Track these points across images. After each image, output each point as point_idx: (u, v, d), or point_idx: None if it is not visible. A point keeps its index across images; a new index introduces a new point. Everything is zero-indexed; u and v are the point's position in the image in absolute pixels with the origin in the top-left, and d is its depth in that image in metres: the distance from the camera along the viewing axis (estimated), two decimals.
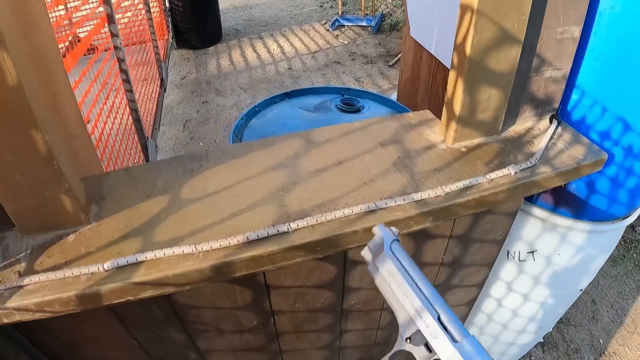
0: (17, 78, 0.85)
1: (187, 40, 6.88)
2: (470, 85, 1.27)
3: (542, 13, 1.29)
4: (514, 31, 1.21)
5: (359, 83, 5.51)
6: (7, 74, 0.84)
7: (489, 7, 1.14)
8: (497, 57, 1.24)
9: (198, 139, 4.52)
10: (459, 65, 1.26)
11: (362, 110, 2.13)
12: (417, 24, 2.16)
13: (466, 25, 1.19)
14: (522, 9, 1.18)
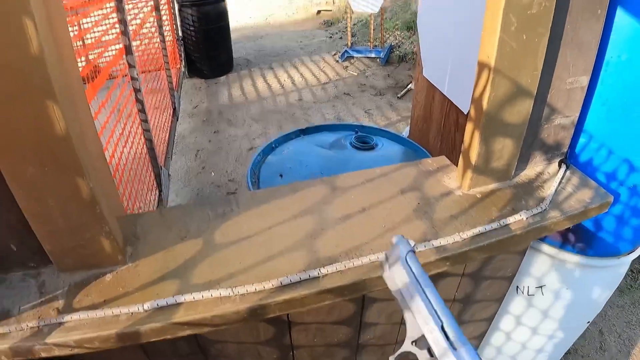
0: (66, 127, 0.92)
1: (199, 70, 7.02)
2: (486, 137, 1.35)
3: (553, 66, 1.37)
4: (528, 85, 1.29)
5: (368, 115, 5.59)
6: (56, 125, 0.91)
7: (505, 64, 1.23)
8: (511, 110, 1.32)
9: (209, 169, 4.59)
10: (476, 118, 1.33)
11: (376, 148, 2.19)
12: (430, 65, 2.23)
13: (484, 82, 1.27)
14: (535, 64, 1.26)
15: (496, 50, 1.20)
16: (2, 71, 0.82)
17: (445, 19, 2.03)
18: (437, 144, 2.22)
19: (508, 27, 1.17)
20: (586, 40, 1.38)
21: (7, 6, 0.78)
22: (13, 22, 0.79)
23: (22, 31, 0.80)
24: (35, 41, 0.80)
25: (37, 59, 0.82)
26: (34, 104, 0.86)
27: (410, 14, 8.69)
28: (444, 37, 2.06)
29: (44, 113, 0.86)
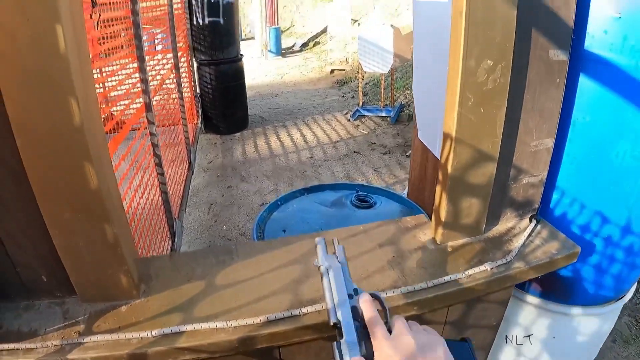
0: (98, 183, 1.13)
1: (215, 126, 7.28)
2: (453, 197, 1.54)
3: (516, 132, 1.56)
4: (489, 151, 1.48)
5: (377, 173, 5.76)
6: (90, 181, 1.12)
7: (465, 134, 1.43)
8: (475, 173, 1.51)
9: (222, 222, 4.75)
10: (443, 181, 1.53)
11: (374, 206, 2.35)
12: (424, 129, 2.41)
13: (447, 150, 1.46)
14: (495, 132, 1.45)
15: (456, 123, 1.40)
16: (50, 138, 1.03)
17: (434, 87, 2.22)
18: (431, 201, 2.38)
19: (466, 103, 1.37)
20: (547, 107, 1.57)
21: (58, 88, 1.00)
22: (62, 103, 1.01)
23: (67, 108, 1.02)
24: (77, 117, 1.01)
25: (78, 129, 1.04)
26: (74, 164, 1.08)
27: None
28: (435, 104, 2.24)
29: (82, 172, 1.08)
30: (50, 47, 0.97)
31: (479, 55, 1.33)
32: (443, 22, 2.10)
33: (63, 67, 0.99)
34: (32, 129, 1.03)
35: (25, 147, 1.05)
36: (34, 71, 0.99)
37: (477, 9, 1.27)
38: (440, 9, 2.09)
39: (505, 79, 1.38)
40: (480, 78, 1.36)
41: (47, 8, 0.94)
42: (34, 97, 1.00)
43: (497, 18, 1.30)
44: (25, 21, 0.94)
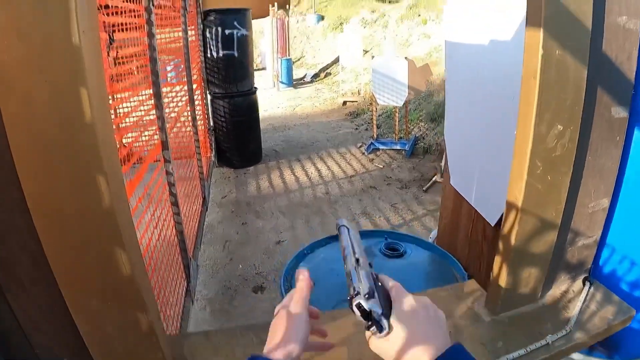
0: (131, 271, 1.00)
1: (229, 159, 7.19)
2: (514, 268, 1.41)
3: (576, 195, 1.44)
4: (553, 219, 1.36)
5: (394, 209, 5.64)
6: (122, 268, 0.99)
7: (531, 204, 1.30)
8: (537, 243, 1.39)
9: (237, 261, 4.62)
10: (504, 252, 1.40)
11: (405, 255, 2.23)
12: (457, 175, 2.30)
13: (512, 220, 1.34)
14: (560, 199, 1.34)
15: (523, 193, 1.27)
16: (76, 221, 0.90)
17: (472, 132, 2.12)
18: (464, 251, 2.26)
19: (534, 171, 1.26)
20: (607, 166, 1.46)
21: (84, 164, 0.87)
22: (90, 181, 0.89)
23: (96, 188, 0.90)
24: (107, 197, 0.89)
25: (109, 212, 0.91)
26: (104, 250, 0.95)
27: (434, 105, 8.89)
28: (471, 149, 2.14)
29: (113, 258, 0.95)
30: (73, 113, 0.85)
31: (550, 121, 1.22)
32: (481, 68, 2.01)
33: (89, 139, 0.87)
34: (53, 209, 0.90)
35: (45, 230, 0.91)
36: (54, 142, 0.86)
37: (551, 70, 1.16)
38: (477, 55, 2.00)
39: (573, 144, 1.28)
40: (549, 144, 1.25)
41: (70, 65, 0.83)
42: (55, 173, 0.88)
43: (569, 79, 1.20)
44: (43, 82, 0.82)
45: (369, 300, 0.76)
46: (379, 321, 0.75)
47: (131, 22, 2.85)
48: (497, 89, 1.86)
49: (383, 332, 0.75)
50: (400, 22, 15.28)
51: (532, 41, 1.16)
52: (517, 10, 1.63)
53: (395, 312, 0.78)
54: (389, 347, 0.75)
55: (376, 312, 0.76)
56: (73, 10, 0.80)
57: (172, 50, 4.76)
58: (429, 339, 0.75)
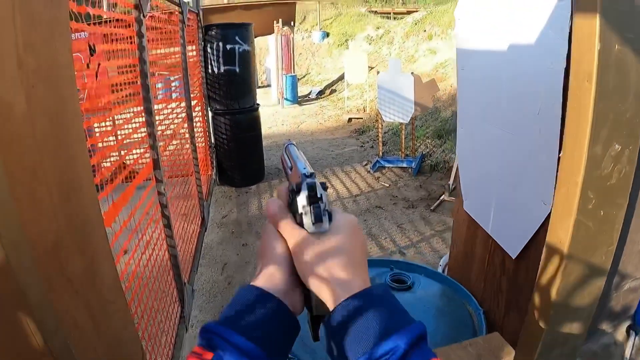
0: (43, 341, 0.76)
1: (230, 178, 7.02)
2: (552, 327, 1.16)
3: (627, 232, 1.19)
4: (602, 264, 1.12)
5: (401, 230, 5.43)
6: (32, 339, 0.76)
7: (579, 247, 1.05)
8: (582, 294, 1.15)
9: (236, 284, 4.43)
10: (542, 309, 1.17)
11: (413, 288, 2.01)
12: (472, 198, 2.09)
13: (553, 269, 1.10)
14: (611, 239, 1.08)
15: (571, 234, 1.03)
16: None
17: (488, 152, 1.90)
18: (479, 284, 2.04)
19: (585, 206, 1.01)
20: None
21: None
22: None
23: None
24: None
25: None
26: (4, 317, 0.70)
27: (440, 121, 8.74)
28: (487, 171, 1.92)
29: (17, 327, 0.70)
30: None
31: (607, 138, 0.96)
32: (497, 80, 1.80)
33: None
34: None
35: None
36: None
37: (610, 73, 0.91)
38: (493, 64, 1.79)
39: (631, 168, 1.02)
40: (605, 170, 0.99)
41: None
42: None
43: (630, 84, 0.94)
44: None
45: None
46: (320, 214, 0.68)
47: (119, 33, 2.66)
48: (517, 102, 1.64)
49: (321, 227, 0.68)
50: (406, 38, 15.20)
51: (585, 33, 0.91)
52: (538, 12, 1.43)
53: (335, 220, 0.70)
54: (315, 248, 0.67)
55: (325, 202, 0.69)
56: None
57: (168, 65, 4.61)
58: (361, 264, 0.68)
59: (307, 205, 0.68)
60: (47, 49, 0.90)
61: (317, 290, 0.66)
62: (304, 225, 0.68)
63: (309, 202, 0.68)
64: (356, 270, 0.66)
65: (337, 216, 0.71)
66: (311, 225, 0.68)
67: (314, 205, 0.68)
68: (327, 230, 0.68)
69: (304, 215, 0.68)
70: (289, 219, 0.71)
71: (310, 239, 0.67)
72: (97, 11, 2.36)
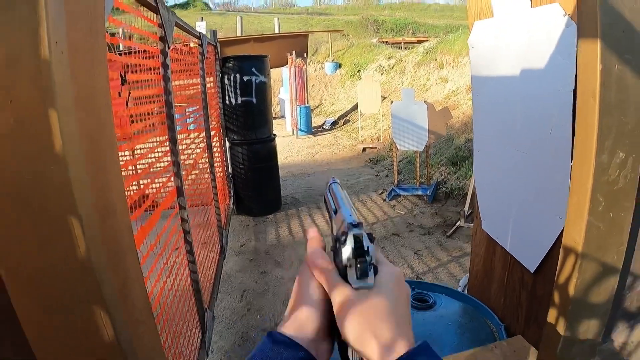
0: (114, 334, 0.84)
1: (248, 207, 7.10)
2: (571, 323, 1.24)
3: (636, 233, 1.28)
4: (614, 262, 1.20)
5: (418, 257, 5.46)
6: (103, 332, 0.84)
7: (592, 247, 1.14)
8: (597, 291, 1.22)
9: (255, 311, 4.47)
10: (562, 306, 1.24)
11: (435, 306, 2.07)
12: (490, 218, 2.15)
13: (569, 268, 1.18)
14: (621, 239, 1.18)
15: (584, 235, 1.12)
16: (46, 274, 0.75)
17: (504, 172, 1.98)
18: (499, 300, 2.09)
19: (596, 209, 1.10)
20: None
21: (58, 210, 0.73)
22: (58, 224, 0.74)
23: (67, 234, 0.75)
24: (82, 247, 0.74)
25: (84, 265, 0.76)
26: (80, 310, 0.78)
27: (454, 149, 8.79)
28: (504, 190, 1.99)
29: (91, 320, 0.78)
30: (41, 144, 0.72)
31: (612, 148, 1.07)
32: (511, 103, 1.89)
33: (60, 175, 0.73)
34: (19, 262, 0.74)
35: (14, 285, 0.76)
36: (20, 179, 0.72)
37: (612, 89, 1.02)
38: (506, 88, 1.88)
39: (636, 174, 1.12)
40: (612, 176, 1.09)
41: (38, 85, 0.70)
42: (21, 218, 0.73)
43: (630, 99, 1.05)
44: (8, 103, 0.69)
45: None
46: (366, 269, 0.64)
47: (146, 65, 2.79)
48: (530, 124, 1.73)
49: (367, 283, 0.65)
50: (417, 68, 15.36)
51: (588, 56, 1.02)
52: (546, 39, 1.52)
53: (381, 274, 0.67)
54: (361, 306, 0.64)
55: (370, 256, 0.65)
56: (43, 18, 0.67)
57: (188, 96, 4.74)
58: (405, 320, 0.66)
59: (352, 258, 0.65)
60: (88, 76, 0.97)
61: (360, 348, 0.64)
62: (348, 278, 0.66)
63: (354, 254, 0.65)
64: (401, 328, 0.65)
65: (382, 268, 0.68)
66: (356, 281, 0.65)
67: (360, 260, 0.65)
68: (372, 285, 0.66)
69: (348, 268, 0.66)
70: (332, 270, 0.69)
71: (355, 296, 0.65)
72: (128, 43, 2.49)
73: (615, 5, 0.99)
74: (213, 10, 43.86)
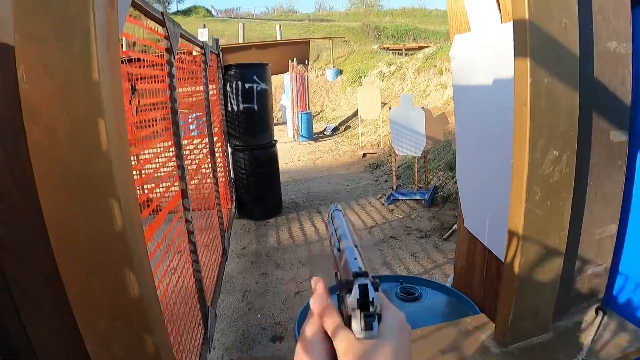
0: (140, 292, 1.03)
1: (249, 211, 7.24)
2: (520, 298, 1.42)
3: (580, 222, 1.46)
4: (556, 245, 1.37)
5: (415, 259, 5.60)
6: (131, 290, 1.03)
7: (532, 230, 1.32)
8: (542, 270, 1.39)
9: (256, 310, 4.61)
10: (509, 282, 1.42)
11: (421, 299, 2.23)
12: (471, 217, 2.31)
13: (514, 249, 1.36)
14: (562, 225, 1.35)
15: (523, 220, 1.29)
16: (90, 244, 0.95)
17: (483, 173, 2.14)
18: (480, 292, 2.26)
19: (532, 197, 1.28)
20: (611, 192, 1.48)
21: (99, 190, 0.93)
22: (104, 206, 0.95)
23: (109, 213, 0.95)
24: (119, 222, 0.94)
25: (120, 236, 0.96)
26: (115, 272, 0.99)
27: (452, 154, 8.91)
28: (482, 190, 2.16)
29: (122, 280, 0.99)
30: (91, 143, 0.91)
31: (544, 147, 1.25)
32: (487, 109, 2.06)
33: (105, 166, 0.93)
34: (69, 231, 0.95)
35: (61, 250, 0.97)
36: (73, 169, 0.92)
37: (541, 98, 1.20)
38: (483, 96, 2.05)
39: (571, 169, 1.30)
40: (546, 170, 1.28)
41: (90, 100, 0.89)
42: (73, 197, 0.94)
43: (560, 105, 1.24)
44: (65, 113, 0.88)
45: None
46: (371, 320, 0.64)
47: (154, 74, 2.95)
48: (504, 127, 1.89)
49: (371, 334, 0.64)
50: (417, 74, 15.49)
51: (521, 70, 1.21)
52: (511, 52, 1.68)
53: (385, 321, 0.67)
54: (365, 357, 0.64)
55: (376, 307, 0.65)
56: (94, 49, 0.87)
57: (192, 103, 4.89)
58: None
59: (357, 309, 0.65)
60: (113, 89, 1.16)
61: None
62: (352, 328, 0.66)
63: (359, 306, 0.65)
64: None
65: (385, 314, 0.68)
66: (360, 331, 0.65)
67: (365, 313, 0.65)
68: (377, 335, 0.65)
69: (352, 318, 0.65)
70: (337, 318, 0.69)
71: (360, 347, 0.65)
72: (137, 54, 2.66)
73: (544, 28, 1.17)
74: (215, 17, 44.04)
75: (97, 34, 0.88)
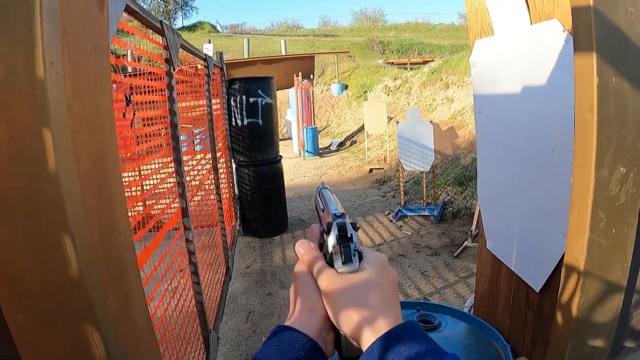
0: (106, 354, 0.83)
1: (254, 229, 7.08)
2: (576, 345, 1.22)
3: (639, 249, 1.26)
4: (618, 280, 1.18)
5: (425, 277, 5.42)
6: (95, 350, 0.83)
7: (594, 264, 1.12)
8: (602, 310, 1.20)
9: (261, 333, 4.44)
10: (565, 326, 1.22)
11: (440, 328, 2.04)
12: (494, 238, 2.13)
13: (572, 287, 1.17)
14: (625, 256, 1.16)
15: (586, 252, 1.10)
16: (40, 289, 0.75)
17: (509, 191, 1.96)
18: (505, 320, 2.07)
19: (597, 225, 1.09)
20: None
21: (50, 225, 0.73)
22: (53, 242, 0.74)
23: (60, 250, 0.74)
24: (74, 264, 0.74)
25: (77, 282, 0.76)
26: (72, 327, 0.78)
27: (461, 168, 8.78)
28: (509, 210, 1.98)
29: (82, 338, 0.78)
30: (33, 162, 0.72)
31: (612, 163, 1.06)
32: (513, 121, 1.88)
33: (52, 192, 0.73)
34: (15, 274, 0.74)
35: (6, 298, 0.76)
36: (13, 194, 0.73)
37: (609, 103, 1.01)
38: (508, 107, 1.88)
39: (637, 189, 1.10)
40: (613, 191, 1.08)
41: (32, 103, 0.70)
42: (15, 231, 0.73)
43: (629, 112, 1.04)
44: (4, 122, 0.70)
45: None
46: (350, 253, 0.68)
47: (151, 86, 2.80)
48: (533, 141, 1.72)
49: (352, 267, 0.67)
50: (423, 88, 15.40)
51: (584, 69, 1.01)
52: (546, 54, 1.52)
53: (366, 259, 0.70)
54: (346, 288, 0.66)
55: (355, 242, 0.69)
56: (39, 38, 0.67)
57: (194, 117, 4.76)
58: (392, 301, 0.67)
59: (337, 245, 0.68)
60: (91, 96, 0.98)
61: (347, 331, 0.65)
62: (334, 265, 0.68)
63: (338, 242, 0.68)
64: (387, 307, 0.65)
65: (367, 255, 0.71)
66: (341, 265, 0.68)
67: (343, 245, 0.68)
68: (357, 268, 0.68)
69: (334, 255, 0.69)
70: (320, 259, 0.72)
71: (340, 279, 0.67)
72: (134, 64, 2.51)
73: (610, 18, 0.99)
74: (220, 33, 44.25)
75: (44, 12, 0.68)
